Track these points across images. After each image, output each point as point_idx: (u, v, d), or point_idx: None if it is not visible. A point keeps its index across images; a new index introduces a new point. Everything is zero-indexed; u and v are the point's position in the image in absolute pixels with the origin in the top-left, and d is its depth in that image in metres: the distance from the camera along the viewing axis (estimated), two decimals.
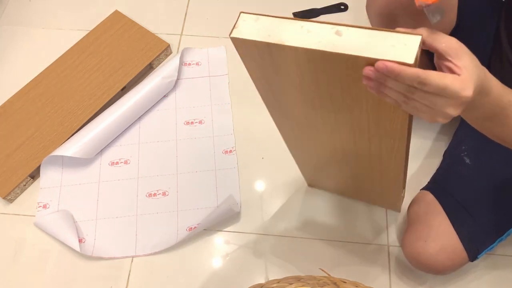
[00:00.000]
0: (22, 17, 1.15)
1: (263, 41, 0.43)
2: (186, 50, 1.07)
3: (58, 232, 0.86)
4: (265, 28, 0.43)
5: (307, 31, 0.42)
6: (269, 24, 0.44)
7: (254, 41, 0.44)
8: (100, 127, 0.93)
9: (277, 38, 0.42)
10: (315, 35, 0.41)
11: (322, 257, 0.85)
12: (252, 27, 0.44)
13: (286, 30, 0.43)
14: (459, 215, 0.72)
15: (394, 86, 0.40)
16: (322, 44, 0.41)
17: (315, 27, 0.42)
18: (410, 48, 0.39)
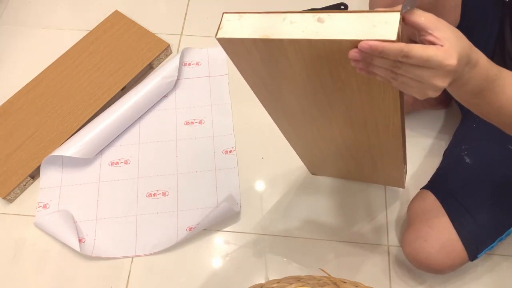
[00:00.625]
0: (22, 17, 1.15)
1: (249, 37, 0.44)
2: (186, 50, 1.07)
3: (58, 232, 0.86)
4: (249, 25, 0.44)
5: (290, 22, 0.43)
6: (252, 21, 0.44)
7: (240, 39, 0.44)
8: (100, 127, 0.93)
9: (262, 33, 0.43)
10: (298, 25, 0.42)
11: (322, 257, 0.85)
12: (237, 26, 0.45)
13: (270, 24, 0.43)
14: (459, 215, 0.72)
15: (380, 63, 0.41)
16: (305, 33, 0.42)
17: (298, 17, 0.43)
18: (391, 26, 0.40)
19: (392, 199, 0.90)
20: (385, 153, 0.69)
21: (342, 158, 0.76)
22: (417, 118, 0.98)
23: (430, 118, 0.98)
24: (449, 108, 0.98)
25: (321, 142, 0.71)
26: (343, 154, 0.73)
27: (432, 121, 0.97)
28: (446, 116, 0.98)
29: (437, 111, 0.98)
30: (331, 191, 0.91)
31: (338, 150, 0.72)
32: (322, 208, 0.90)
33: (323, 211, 0.89)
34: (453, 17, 0.70)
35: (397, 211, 0.89)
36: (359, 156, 0.74)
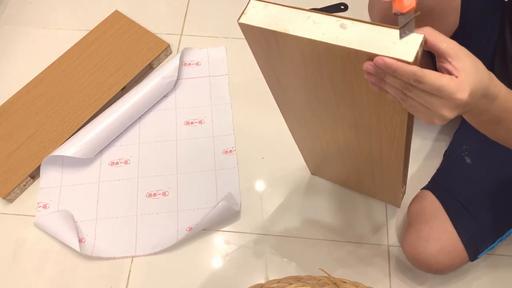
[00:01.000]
0: (22, 17, 1.15)
1: (269, 29, 0.44)
2: (186, 50, 1.07)
3: (58, 232, 0.86)
4: (272, 16, 0.44)
5: (313, 22, 0.43)
6: (276, 12, 0.44)
7: (261, 28, 0.44)
8: (100, 127, 0.93)
9: (283, 27, 0.43)
10: (320, 26, 0.42)
11: (322, 257, 0.85)
12: (260, 14, 0.45)
13: (293, 19, 0.43)
14: (459, 215, 0.72)
15: (392, 82, 0.41)
16: (326, 36, 0.42)
17: (321, 18, 0.43)
18: (411, 46, 0.39)
19: None
20: (385, 168, 0.68)
21: (343, 162, 0.76)
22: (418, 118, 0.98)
23: None
24: None
25: (325, 141, 0.71)
26: (344, 158, 0.73)
27: None
28: None
29: None
30: (331, 191, 0.91)
31: (340, 152, 0.72)
32: (322, 208, 0.90)
33: (323, 211, 0.89)
34: (453, 20, 0.70)
35: (397, 211, 0.89)
36: (359, 164, 0.73)
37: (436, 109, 0.40)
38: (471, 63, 0.40)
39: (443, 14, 0.69)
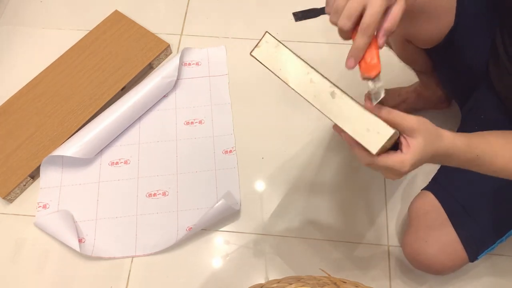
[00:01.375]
0: (22, 17, 1.15)
1: (274, 72, 0.49)
2: (186, 50, 1.07)
3: (58, 232, 0.86)
4: (279, 60, 0.49)
5: (310, 80, 0.48)
6: (285, 57, 0.49)
7: (268, 68, 0.50)
8: (100, 127, 0.92)
9: (284, 76, 0.49)
10: (314, 87, 0.48)
11: (322, 257, 0.85)
12: (271, 53, 0.50)
13: (295, 71, 0.49)
14: (459, 216, 0.72)
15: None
16: (315, 100, 0.48)
17: (318, 79, 0.48)
18: (380, 138, 0.45)
19: (392, 199, 0.90)
20: None
21: None
22: None
23: (430, 117, 0.95)
24: (450, 108, 0.98)
25: None
26: None
27: (432, 120, 0.97)
28: (446, 116, 0.98)
29: (438, 110, 0.98)
30: (331, 191, 0.91)
31: None
32: (322, 208, 0.90)
33: (323, 211, 0.89)
34: (447, 20, 0.70)
35: (398, 211, 0.89)
36: None
37: (388, 176, 0.50)
38: (424, 138, 0.48)
39: (437, 14, 0.69)
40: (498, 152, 0.55)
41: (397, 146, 0.49)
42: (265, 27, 1.12)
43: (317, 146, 0.96)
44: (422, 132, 0.48)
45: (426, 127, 0.49)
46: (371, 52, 0.48)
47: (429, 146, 0.49)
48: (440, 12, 0.70)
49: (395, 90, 0.98)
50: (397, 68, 1.04)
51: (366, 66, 0.48)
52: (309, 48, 1.09)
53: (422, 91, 0.93)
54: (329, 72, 1.03)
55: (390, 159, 0.47)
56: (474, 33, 0.73)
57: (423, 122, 0.49)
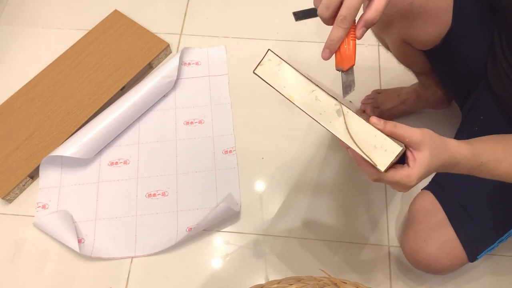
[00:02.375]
0: (22, 16, 1.15)
1: (278, 90, 0.48)
2: (186, 49, 1.07)
3: (57, 232, 0.85)
4: (283, 78, 0.48)
5: (315, 97, 0.47)
6: (288, 75, 0.48)
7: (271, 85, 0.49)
8: (100, 127, 0.92)
9: (289, 94, 0.48)
10: (320, 105, 0.47)
11: (322, 257, 0.85)
12: (273, 71, 0.48)
13: (299, 88, 0.47)
14: (458, 216, 0.72)
15: None
16: (321, 117, 0.47)
17: (323, 97, 0.47)
18: (387, 155, 0.45)
19: (392, 199, 0.90)
20: None
21: None
22: (418, 118, 0.98)
23: (431, 117, 0.98)
24: (450, 108, 0.98)
25: None
26: None
27: (433, 121, 0.97)
28: (447, 116, 0.98)
29: (438, 111, 0.98)
30: (331, 192, 0.91)
31: None
32: (322, 208, 0.90)
33: (323, 212, 0.89)
34: (444, 21, 0.70)
35: (398, 212, 0.89)
36: None
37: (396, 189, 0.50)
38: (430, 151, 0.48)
39: (434, 15, 0.69)
40: (501, 157, 0.55)
41: (404, 159, 0.48)
42: (265, 26, 1.12)
43: (318, 146, 0.96)
44: (428, 145, 0.48)
45: (431, 139, 0.49)
46: (348, 43, 0.47)
47: (435, 158, 0.49)
48: (437, 13, 0.70)
49: (394, 91, 0.98)
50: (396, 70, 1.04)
51: (340, 57, 0.48)
52: (309, 48, 1.09)
53: (421, 91, 0.93)
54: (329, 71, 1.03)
55: (398, 174, 0.47)
56: (472, 34, 0.73)
57: (428, 134, 0.49)
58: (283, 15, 1.14)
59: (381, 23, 0.75)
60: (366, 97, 0.99)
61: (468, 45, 0.74)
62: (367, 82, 1.03)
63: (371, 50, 1.08)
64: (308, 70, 1.05)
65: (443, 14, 0.70)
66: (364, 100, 0.99)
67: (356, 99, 1.01)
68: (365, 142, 0.45)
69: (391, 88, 0.99)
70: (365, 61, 1.06)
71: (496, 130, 0.63)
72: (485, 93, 0.77)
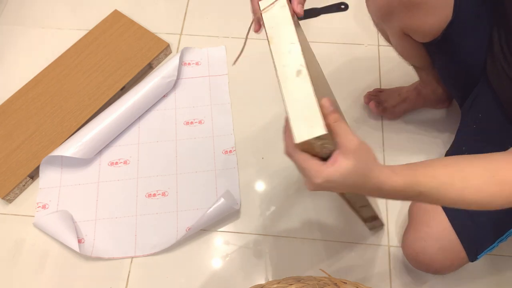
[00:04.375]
0: (21, 16, 1.15)
1: (265, 28, 0.51)
2: (186, 49, 1.07)
3: (57, 232, 0.85)
4: (276, 19, 0.51)
5: (289, 50, 0.48)
6: (282, 19, 0.51)
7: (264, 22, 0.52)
8: (100, 127, 0.92)
9: (271, 35, 0.50)
10: (288, 58, 0.47)
11: (322, 257, 0.85)
12: (275, 12, 0.51)
13: (283, 35, 0.49)
14: (458, 215, 0.72)
15: None
16: (282, 70, 0.47)
17: (296, 53, 0.47)
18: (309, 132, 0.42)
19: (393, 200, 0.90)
20: None
21: None
22: (418, 118, 0.98)
23: (431, 117, 0.98)
24: (450, 108, 0.98)
25: None
26: None
27: (433, 120, 0.97)
28: (447, 115, 0.98)
29: (438, 110, 0.98)
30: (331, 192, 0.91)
31: None
32: (323, 208, 0.90)
33: (323, 211, 0.89)
34: (445, 13, 0.70)
35: (398, 212, 0.89)
36: None
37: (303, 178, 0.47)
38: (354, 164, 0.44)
39: (435, 7, 0.69)
40: (447, 183, 0.49)
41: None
42: None
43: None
44: (357, 158, 0.44)
45: (365, 155, 0.45)
46: None
47: (355, 174, 0.45)
48: (438, 5, 0.70)
49: (395, 89, 0.98)
50: (396, 70, 1.04)
51: None
52: None
53: (422, 88, 0.93)
54: (329, 71, 1.03)
55: (309, 162, 0.45)
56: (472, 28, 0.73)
57: (364, 151, 0.45)
58: None
59: (383, 13, 0.75)
60: (368, 93, 0.99)
61: (468, 39, 0.74)
62: (367, 82, 1.03)
63: (371, 50, 1.08)
64: None
65: (444, 7, 0.70)
66: (367, 95, 0.99)
67: (356, 98, 1.01)
68: (300, 111, 0.44)
69: (392, 87, 0.99)
70: (365, 61, 1.06)
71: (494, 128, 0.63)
72: (485, 90, 0.77)
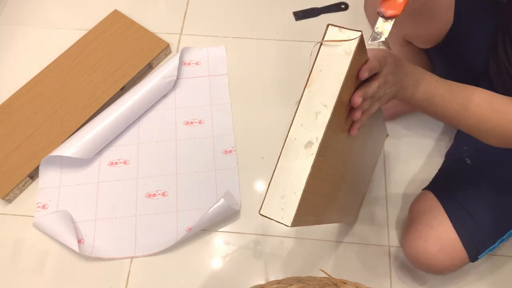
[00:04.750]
0: (21, 16, 1.15)
1: (314, 65, 0.45)
2: (186, 49, 1.07)
3: (57, 232, 0.85)
4: (331, 61, 0.45)
5: (317, 112, 0.43)
6: (337, 63, 0.44)
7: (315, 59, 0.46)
8: (99, 127, 0.92)
9: (315, 77, 0.45)
10: (311, 121, 0.44)
11: (322, 258, 0.85)
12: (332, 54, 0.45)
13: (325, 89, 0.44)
14: (459, 215, 0.72)
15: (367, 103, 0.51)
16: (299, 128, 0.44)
17: (321, 120, 0.43)
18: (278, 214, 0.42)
19: (393, 200, 0.90)
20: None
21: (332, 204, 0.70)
22: (419, 118, 0.97)
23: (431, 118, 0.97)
24: None
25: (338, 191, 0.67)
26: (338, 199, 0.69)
27: (433, 121, 0.97)
28: None
29: None
30: None
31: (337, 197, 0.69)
32: None
33: None
34: (446, 18, 0.70)
35: (398, 212, 0.89)
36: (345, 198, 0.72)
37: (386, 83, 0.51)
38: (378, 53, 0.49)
39: (436, 14, 0.69)
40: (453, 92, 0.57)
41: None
42: (265, 26, 1.12)
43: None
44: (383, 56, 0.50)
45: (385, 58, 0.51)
46: None
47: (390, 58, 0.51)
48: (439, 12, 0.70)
49: None
50: None
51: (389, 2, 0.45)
52: (309, 48, 1.08)
53: None
54: None
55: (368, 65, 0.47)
56: (473, 31, 0.73)
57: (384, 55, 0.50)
58: (283, 15, 1.13)
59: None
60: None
61: (469, 43, 0.74)
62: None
63: None
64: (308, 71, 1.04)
65: (445, 13, 0.70)
66: None
67: None
68: (283, 184, 0.42)
69: None
70: None
71: None
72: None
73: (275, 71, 1.04)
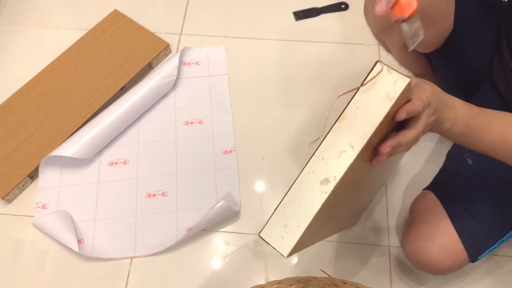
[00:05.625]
0: (21, 16, 1.15)
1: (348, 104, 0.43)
2: (186, 49, 1.07)
3: (57, 232, 0.85)
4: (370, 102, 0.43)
5: (341, 151, 0.41)
6: (375, 105, 0.42)
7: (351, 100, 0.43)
8: (99, 127, 0.92)
9: (344, 116, 0.43)
10: (334, 160, 0.42)
11: (322, 258, 0.85)
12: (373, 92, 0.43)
13: (355, 130, 0.41)
14: (460, 216, 0.72)
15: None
16: (317, 165, 0.42)
17: (343, 161, 0.41)
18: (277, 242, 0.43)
19: (393, 200, 0.90)
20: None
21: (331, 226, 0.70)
22: None
23: None
24: None
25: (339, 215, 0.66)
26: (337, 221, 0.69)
27: None
28: None
29: None
30: None
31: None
32: None
33: None
34: (446, 24, 0.70)
35: (398, 212, 0.89)
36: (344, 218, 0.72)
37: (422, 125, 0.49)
38: (424, 86, 0.48)
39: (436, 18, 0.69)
40: (492, 123, 0.55)
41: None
42: (265, 26, 1.12)
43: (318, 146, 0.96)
44: (424, 85, 0.48)
45: (424, 85, 0.49)
46: None
47: (433, 88, 0.49)
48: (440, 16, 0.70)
49: None
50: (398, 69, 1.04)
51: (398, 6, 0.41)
52: (309, 48, 1.08)
53: None
54: (329, 71, 1.03)
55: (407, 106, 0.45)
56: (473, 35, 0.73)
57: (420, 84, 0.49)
58: (283, 15, 1.13)
59: (383, 26, 0.75)
60: None
61: (471, 46, 0.74)
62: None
63: (371, 50, 1.08)
64: (308, 71, 1.04)
65: (445, 18, 0.70)
66: None
67: None
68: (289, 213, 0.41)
69: None
70: (365, 61, 1.06)
71: None
72: (489, 92, 0.77)
73: (275, 71, 1.04)
